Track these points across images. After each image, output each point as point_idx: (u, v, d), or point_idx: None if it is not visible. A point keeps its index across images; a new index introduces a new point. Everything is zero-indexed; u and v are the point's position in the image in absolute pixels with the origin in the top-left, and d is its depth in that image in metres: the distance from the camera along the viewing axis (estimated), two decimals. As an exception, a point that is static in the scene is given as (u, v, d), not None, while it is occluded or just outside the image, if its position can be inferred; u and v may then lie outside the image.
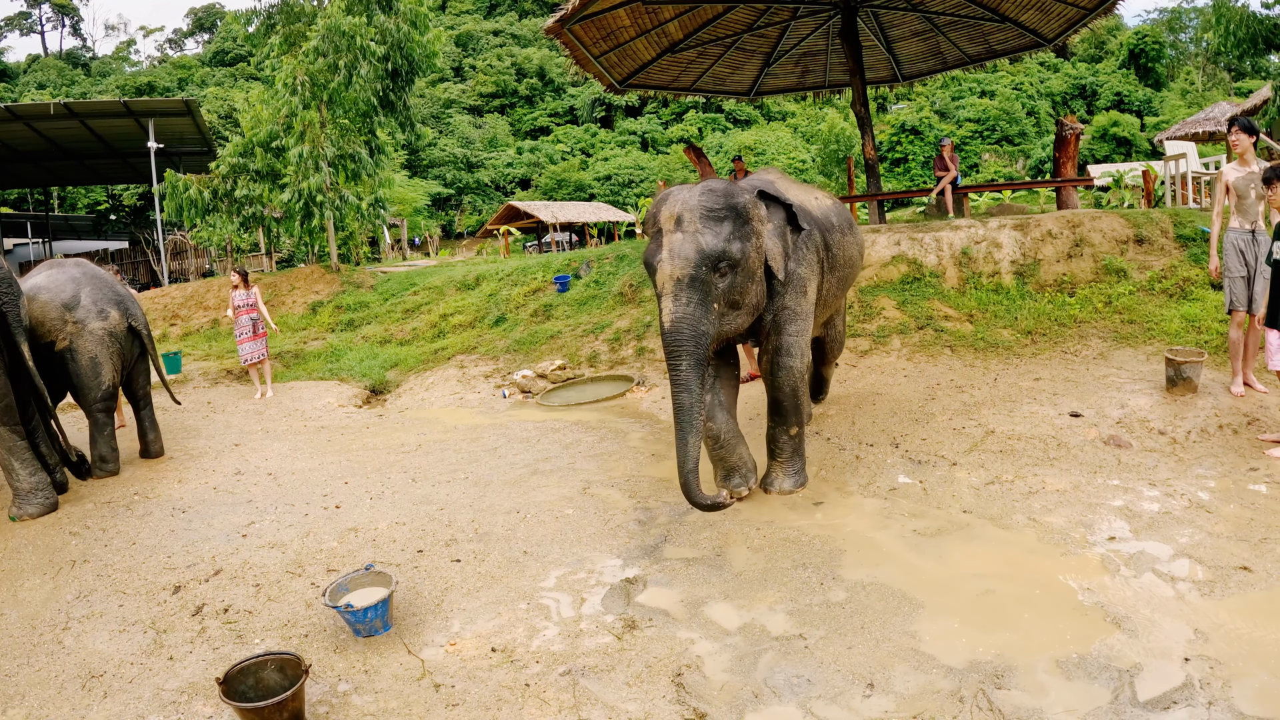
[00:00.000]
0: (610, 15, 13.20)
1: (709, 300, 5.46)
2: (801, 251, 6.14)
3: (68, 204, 43.34)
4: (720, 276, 5.50)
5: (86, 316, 7.83)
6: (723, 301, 5.57)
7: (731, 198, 5.64)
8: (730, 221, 5.55)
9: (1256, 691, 3.60)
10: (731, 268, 5.52)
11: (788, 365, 6.13)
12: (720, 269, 5.47)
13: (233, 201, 18.49)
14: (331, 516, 6.43)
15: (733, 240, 5.51)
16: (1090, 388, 7.89)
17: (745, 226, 5.61)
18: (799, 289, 6.13)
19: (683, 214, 5.55)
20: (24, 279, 7.91)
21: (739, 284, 5.61)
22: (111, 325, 7.96)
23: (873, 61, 16.78)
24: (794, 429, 6.28)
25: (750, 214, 5.67)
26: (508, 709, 3.85)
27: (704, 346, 5.44)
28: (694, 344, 5.38)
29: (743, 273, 5.60)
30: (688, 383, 5.37)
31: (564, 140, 64.61)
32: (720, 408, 6.17)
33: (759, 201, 5.87)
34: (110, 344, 7.94)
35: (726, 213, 5.56)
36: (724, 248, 5.46)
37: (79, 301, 7.85)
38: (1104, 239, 10.56)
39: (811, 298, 6.25)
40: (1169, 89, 60.69)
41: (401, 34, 18.55)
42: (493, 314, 13.67)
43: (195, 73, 70.81)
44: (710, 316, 5.47)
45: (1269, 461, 6.19)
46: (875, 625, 4.34)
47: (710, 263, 5.43)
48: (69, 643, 4.76)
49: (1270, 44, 17.80)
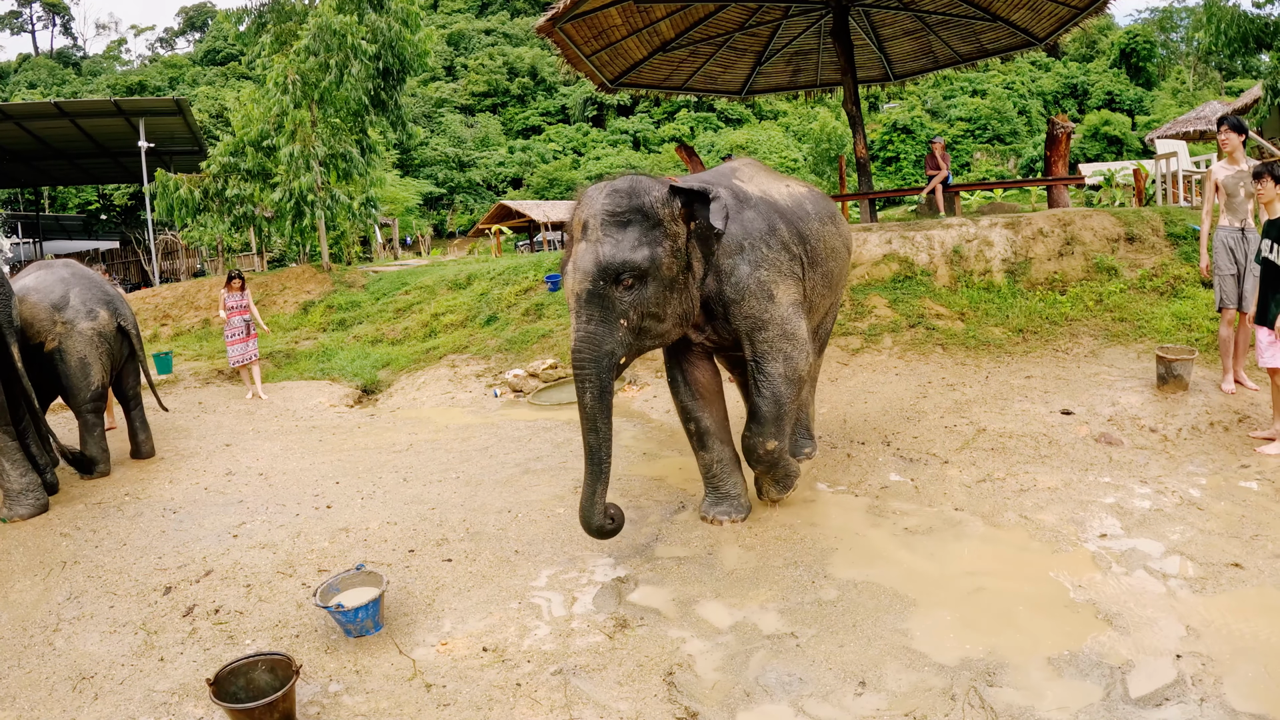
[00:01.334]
0: (602, 14, 13.19)
1: (613, 317, 4.92)
2: (761, 250, 5.49)
3: (58, 204, 43.14)
4: (626, 289, 4.92)
5: (75, 317, 7.77)
6: (633, 315, 4.97)
7: (636, 198, 5.01)
8: (636, 226, 4.96)
9: (1248, 688, 3.61)
10: (639, 278, 4.92)
11: (771, 371, 5.50)
12: (623, 280, 4.89)
13: (224, 201, 18.44)
14: (323, 516, 6.41)
15: (638, 247, 4.91)
16: (1081, 385, 7.91)
17: (654, 230, 4.99)
18: (760, 295, 5.42)
19: (589, 220, 5.04)
20: (14, 279, 7.87)
21: (652, 295, 5.00)
22: (100, 325, 7.90)
23: (864, 60, 16.79)
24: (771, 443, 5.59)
25: (659, 214, 5.02)
26: (499, 709, 3.84)
27: (609, 369, 4.97)
28: (597, 366, 4.92)
29: (655, 281, 4.99)
30: (594, 417, 4.96)
31: (556, 139, 64.59)
32: (709, 435, 5.78)
33: (672, 198, 5.11)
34: (99, 344, 7.87)
35: (631, 215, 4.97)
36: (625, 257, 4.87)
37: (68, 302, 7.80)
38: (1095, 237, 10.58)
39: (783, 300, 5.51)
40: (1160, 88, 60.87)
41: (393, 33, 18.52)
42: (484, 313, 13.64)
43: (186, 72, 70.72)
44: (617, 335, 4.95)
45: (1260, 459, 6.21)
46: (867, 623, 4.34)
47: (611, 275, 4.87)
48: (60, 644, 4.74)
49: (1261, 43, 17.87)
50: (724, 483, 5.83)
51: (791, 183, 6.37)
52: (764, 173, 6.32)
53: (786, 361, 5.48)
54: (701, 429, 5.76)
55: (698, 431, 5.77)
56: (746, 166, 6.30)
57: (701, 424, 5.76)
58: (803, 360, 5.54)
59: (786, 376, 5.49)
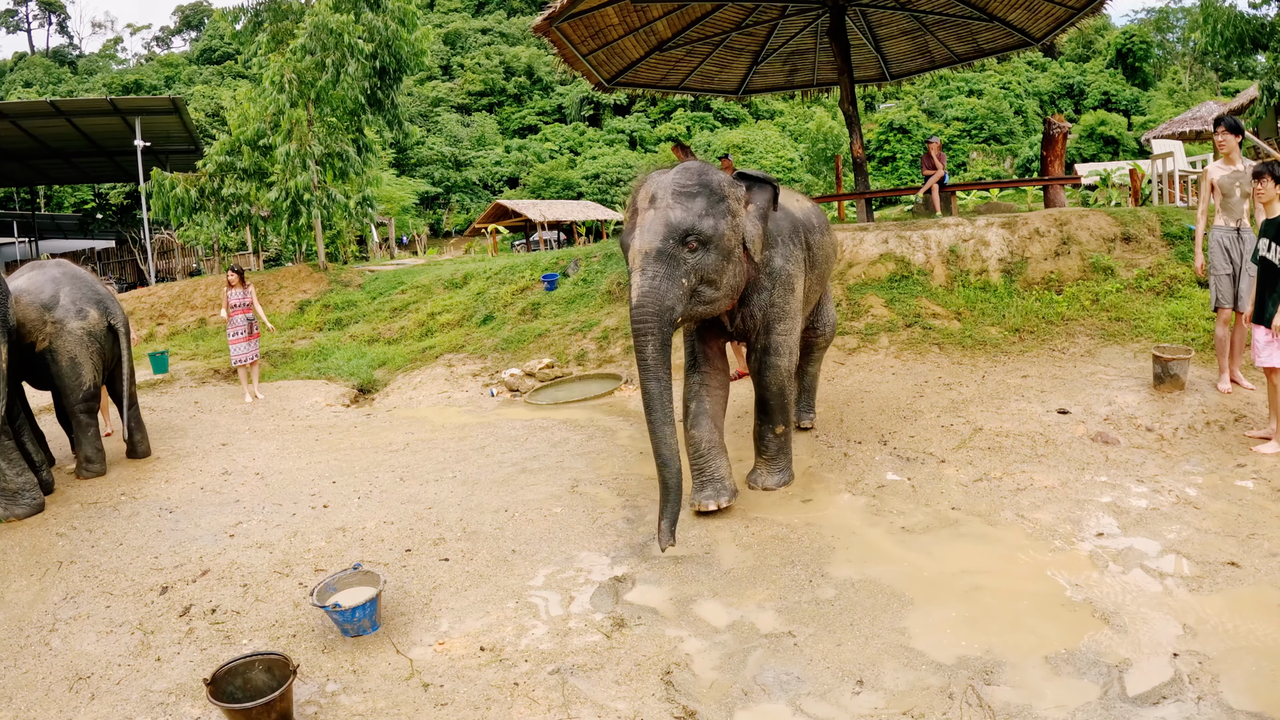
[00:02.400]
0: (598, 13, 13.18)
1: (677, 275, 5.35)
2: (789, 247, 6.21)
3: (54, 203, 43.09)
4: (690, 251, 5.37)
5: (65, 316, 7.71)
6: (693, 277, 5.42)
7: (705, 175, 5.57)
8: (703, 198, 5.46)
9: (1245, 686, 3.61)
10: (703, 243, 5.40)
11: (775, 364, 6.16)
12: (689, 243, 5.36)
13: (220, 200, 18.42)
14: (319, 516, 6.41)
15: (705, 216, 5.41)
16: (1078, 385, 7.92)
17: (720, 204, 5.52)
18: (787, 286, 6.15)
19: (657, 192, 5.51)
20: (9, 279, 7.86)
21: (712, 262, 5.47)
22: (90, 325, 7.83)
23: (861, 60, 16.79)
24: (780, 427, 6.31)
25: (725, 192, 5.59)
26: (496, 708, 3.84)
27: (670, 324, 5.35)
28: (659, 319, 5.28)
29: (716, 250, 5.48)
30: (655, 367, 5.29)
31: (552, 139, 64.54)
32: (705, 415, 6.12)
33: (737, 182, 5.79)
34: (89, 344, 7.81)
35: (699, 189, 5.48)
36: (694, 222, 5.36)
37: (58, 301, 7.75)
38: (1091, 237, 10.59)
39: (799, 295, 6.29)
40: (1156, 88, 60.95)
41: (389, 32, 18.52)
42: (480, 313, 13.64)
43: (182, 71, 70.58)
44: (678, 291, 5.35)
45: (1256, 458, 6.21)
46: (864, 622, 4.34)
47: (679, 236, 5.34)
48: (56, 644, 4.73)
49: (1257, 43, 17.90)
50: (710, 464, 6.05)
51: (798, 197, 7.20)
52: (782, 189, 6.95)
53: (790, 356, 6.23)
54: (700, 409, 6.16)
55: (696, 410, 6.16)
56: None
57: (703, 404, 6.17)
58: (797, 354, 6.45)
59: (788, 370, 6.24)
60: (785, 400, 6.25)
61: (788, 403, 6.28)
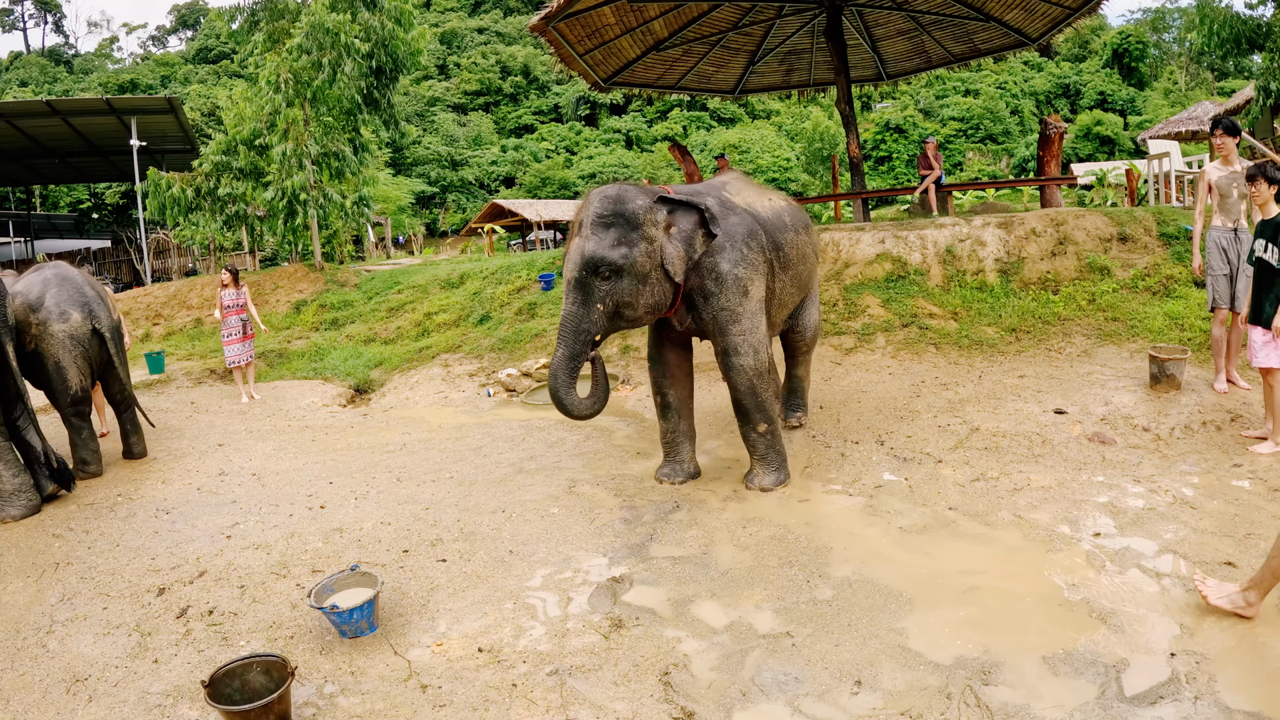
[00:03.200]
0: (595, 13, 13.18)
1: (592, 302, 5.77)
2: (742, 250, 6.20)
3: (50, 202, 43.04)
4: (603, 280, 5.74)
5: (48, 318, 7.67)
6: (608, 303, 5.80)
7: (623, 204, 5.82)
8: (617, 228, 5.77)
9: (1242, 686, 3.62)
10: (615, 272, 5.73)
11: (738, 365, 6.20)
12: (602, 273, 5.72)
13: (216, 200, 18.39)
14: (316, 517, 6.40)
15: (617, 246, 5.72)
16: (1074, 385, 7.92)
17: (634, 232, 5.77)
18: (738, 289, 6.15)
19: (583, 219, 5.90)
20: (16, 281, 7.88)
21: (626, 288, 5.79)
22: (72, 328, 7.74)
23: (857, 60, 16.80)
24: (762, 425, 6.34)
25: (641, 219, 5.80)
26: (495, 709, 3.83)
27: (586, 344, 5.83)
28: (573, 338, 5.81)
29: (630, 277, 5.77)
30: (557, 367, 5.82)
31: (548, 138, 64.54)
32: (670, 407, 6.64)
33: (657, 207, 5.93)
34: (72, 347, 7.73)
35: (614, 219, 5.78)
36: (605, 254, 5.69)
37: (43, 303, 7.71)
38: (1088, 237, 10.61)
39: (755, 297, 6.26)
40: (1152, 88, 61.06)
41: (386, 31, 18.51)
42: (477, 312, 13.63)
43: (178, 70, 70.48)
44: (593, 316, 5.78)
45: (1252, 458, 6.23)
46: (862, 622, 4.35)
47: (591, 267, 5.72)
48: (53, 646, 4.72)
49: (1253, 44, 17.92)
50: (676, 450, 6.70)
51: (774, 196, 7.24)
52: (750, 187, 7.13)
53: (755, 354, 6.20)
54: (667, 401, 6.65)
55: (663, 403, 6.68)
56: (735, 180, 7.06)
57: (667, 397, 6.64)
58: (766, 355, 6.28)
59: (756, 369, 6.22)
60: (759, 398, 6.26)
61: (763, 401, 6.28)
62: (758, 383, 6.23)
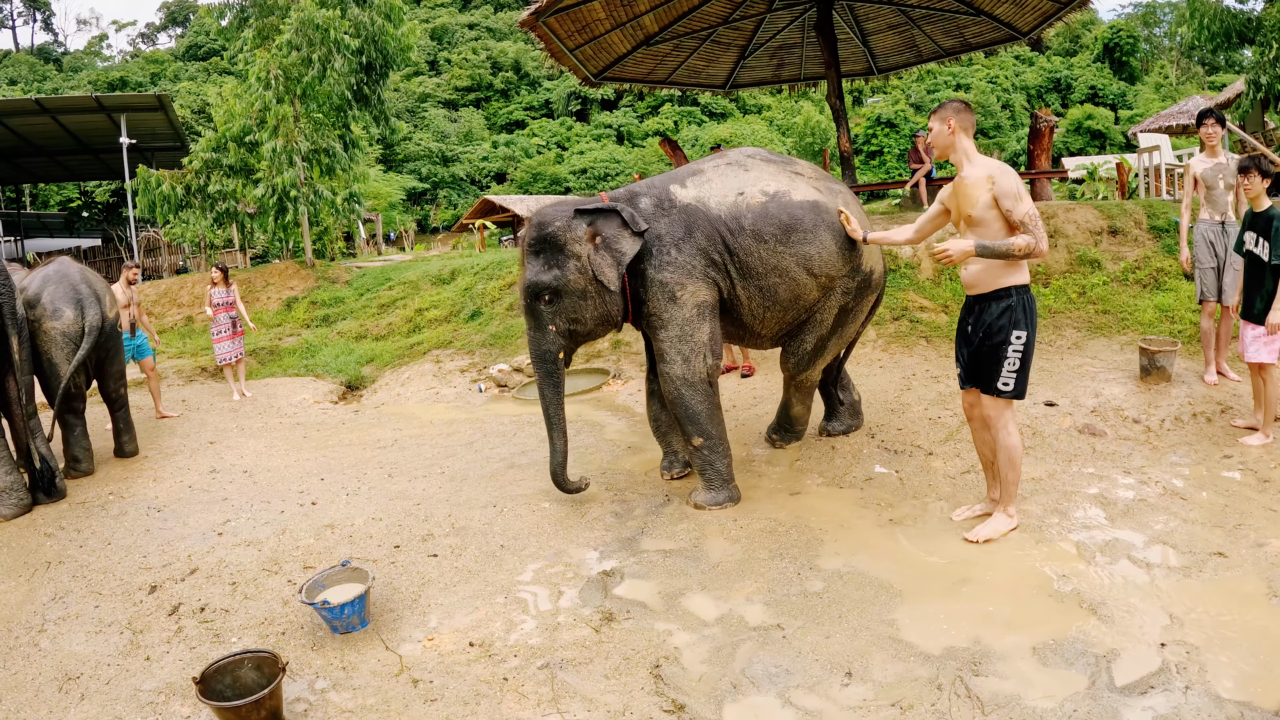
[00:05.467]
0: (585, 8, 13.15)
1: (544, 324, 5.90)
2: (673, 253, 5.83)
3: (40, 201, 42.87)
4: (546, 304, 5.85)
5: (42, 316, 7.70)
6: (559, 322, 5.90)
7: (544, 228, 5.83)
8: (544, 253, 5.83)
9: (1233, 675, 3.64)
10: (554, 294, 5.82)
11: (665, 373, 5.91)
12: (542, 297, 5.83)
13: (206, 197, 18.31)
14: (308, 513, 6.40)
15: (547, 270, 5.80)
16: (1065, 377, 7.94)
17: (559, 253, 5.80)
18: (665, 294, 5.82)
19: (522, 248, 5.99)
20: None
21: (568, 306, 5.86)
22: (64, 326, 7.74)
23: (848, 54, 16.79)
24: (695, 439, 5.96)
25: (563, 238, 5.80)
26: (486, 703, 3.84)
27: (550, 361, 5.96)
28: (540, 360, 5.98)
29: (568, 295, 5.84)
30: (542, 387, 6.04)
31: (539, 134, 64.43)
32: (655, 395, 6.63)
33: (575, 222, 5.83)
34: (65, 345, 7.73)
35: (539, 244, 5.84)
36: (537, 280, 5.81)
37: (38, 300, 7.74)
38: (1078, 230, 10.63)
39: (689, 303, 5.81)
40: (1143, 82, 61.16)
41: (376, 27, 18.43)
42: (468, 308, 13.61)
43: (168, 67, 70.13)
44: (549, 337, 5.92)
45: (1242, 449, 6.25)
46: (853, 614, 4.36)
47: (532, 294, 5.85)
48: (45, 645, 4.71)
49: (1243, 38, 17.97)
50: (666, 440, 6.71)
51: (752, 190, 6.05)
52: (731, 173, 6.16)
53: (685, 364, 5.88)
54: (652, 389, 6.68)
55: (651, 392, 6.69)
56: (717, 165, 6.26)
57: (653, 385, 6.66)
58: (701, 364, 5.88)
59: (686, 379, 5.90)
60: (688, 410, 5.90)
61: (693, 413, 5.90)
62: (687, 393, 5.88)
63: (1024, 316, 4.91)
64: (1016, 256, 4.73)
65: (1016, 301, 4.91)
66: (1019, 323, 4.90)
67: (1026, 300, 4.94)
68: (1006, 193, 4.76)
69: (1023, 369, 4.96)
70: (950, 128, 4.98)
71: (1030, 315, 4.93)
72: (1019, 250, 4.70)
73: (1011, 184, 4.77)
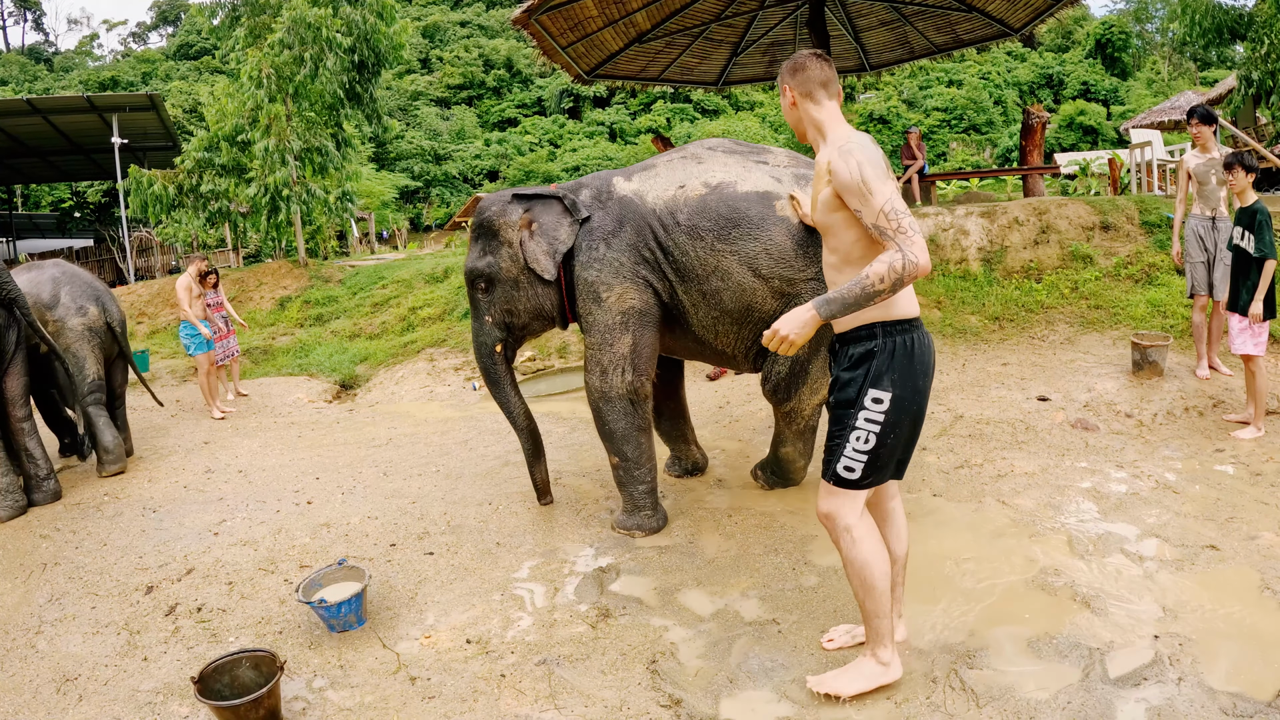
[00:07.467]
0: (577, 5, 13.14)
1: (482, 314, 5.80)
2: (600, 249, 5.34)
3: (31, 202, 42.75)
4: (483, 292, 5.73)
5: (66, 315, 7.90)
6: (495, 312, 5.75)
7: (483, 213, 5.71)
8: (481, 239, 5.71)
9: (1225, 667, 3.66)
10: (488, 282, 5.69)
11: (586, 380, 5.52)
12: (479, 285, 5.71)
13: (198, 197, 18.27)
14: (303, 512, 6.40)
15: (482, 257, 5.68)
16: (1057, 372, 7.97)
17: (494, 240, 5.66)
18: (589, 295, 5.36)
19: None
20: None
21: (501, 295, 5.70)
22: (90, 321, 8.02)
23: (840, 51, 16.80)
24: (612, 458, 5.59)
25: (498, 225, 5.62)
26: (484, 700, 3.85)
27: (486, 355, 5.84)
28: (477, 352, 5.90)
29: (501, 284, 5.67)
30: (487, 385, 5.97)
31: (532, 131, 64.34)
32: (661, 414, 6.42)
33: (511, 208, 5.59)
34: (90, 339, 8.00)
35: (478, 230, 5.71)
36: (473, 266, 5.71)
37: (59, 300, 7.94)
38: (1070, 226, 10.66)
39: (614, 308, 5.29)
40: (1135, 78, 61.23)
41: (368, 26, 18.41)
42: (462, 306, 13.60)
43: (159, 67, 69.94)
44: (488, 328, 5.79)
45: (1234, 442, 6.29)
46: (847, 609, 4.37)
47: (470, 282, 5.76)
48: (42, 646, 4.71)
49: (1235, 34, 18.05)
50: (667, 440, 6.60)
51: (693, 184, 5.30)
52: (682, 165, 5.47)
53: (603, 376, 5.39)
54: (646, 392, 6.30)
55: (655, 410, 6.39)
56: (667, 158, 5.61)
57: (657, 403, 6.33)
58: (619, 378, 5.34)
59: (602, 392, 5.43)
60: (605, 426, 5.51)
61: (610, 429, 5.49)
62: (603, 408, 5.45)
63: (890, 369, 3.33)
64: (883, 293, 3.12)
65: (881, 346, 3.34)
66: (879, 379, 3.32)
67: (900, 344, 3.35)
68: (847, 185, 3.18)
69: (880, 448, 3.37)
70: (790, 98, 3.47)
71: (906, 369, 3.34)
72: (879, 284, 3.10)
73: (852, 170, 3.15)
